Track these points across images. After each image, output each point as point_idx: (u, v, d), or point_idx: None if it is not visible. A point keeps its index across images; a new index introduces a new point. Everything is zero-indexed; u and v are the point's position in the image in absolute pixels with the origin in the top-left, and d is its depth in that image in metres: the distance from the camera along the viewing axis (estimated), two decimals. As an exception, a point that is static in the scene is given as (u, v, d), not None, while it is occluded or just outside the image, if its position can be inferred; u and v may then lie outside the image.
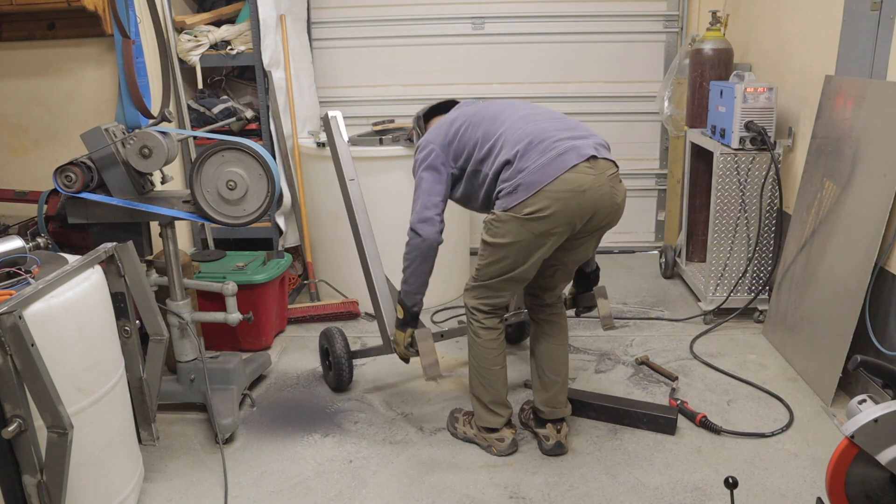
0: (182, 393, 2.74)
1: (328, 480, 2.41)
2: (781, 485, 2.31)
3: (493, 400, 2.46)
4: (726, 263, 3.52)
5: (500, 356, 2.46)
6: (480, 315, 2.43)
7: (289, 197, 3.96)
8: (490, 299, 2.41)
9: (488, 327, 2.43)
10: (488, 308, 2.42)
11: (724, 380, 3.00)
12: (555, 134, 2.21)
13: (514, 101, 2.45)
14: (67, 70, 3.29)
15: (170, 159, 2.46)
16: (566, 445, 2.51)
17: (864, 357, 1.87)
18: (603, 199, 2.20)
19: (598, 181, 2.18)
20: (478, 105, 2.49)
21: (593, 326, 3.56)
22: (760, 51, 3.82)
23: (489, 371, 2.45)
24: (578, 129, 2.28)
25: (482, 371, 2.45)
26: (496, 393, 2.46)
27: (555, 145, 2.17)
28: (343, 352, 2.89)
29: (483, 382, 2.46)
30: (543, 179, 2.13)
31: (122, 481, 2.14)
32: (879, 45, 2.70)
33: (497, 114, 2.37)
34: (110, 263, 2.16)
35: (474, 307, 2.44)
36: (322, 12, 4.48)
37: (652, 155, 4.67)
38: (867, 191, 2.71)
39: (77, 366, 1.91)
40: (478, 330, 2.44)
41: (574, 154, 2.15)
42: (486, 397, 2.46)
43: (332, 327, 2.96)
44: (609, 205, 2.24)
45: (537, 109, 2.39)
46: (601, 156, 2.20)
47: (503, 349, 2.47)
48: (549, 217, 2.16)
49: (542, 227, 2.18)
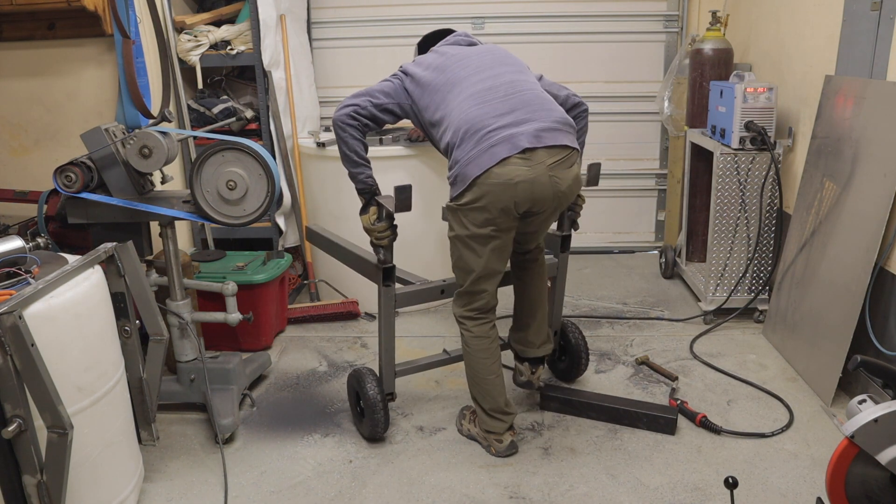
0: (182, 393, 2.74)
1: (328, 480, 2.41)
2: (781, 485, 2.31)
3: (492, 408, 2.46)
4: (726, 263, 3.52)
5: (494, 364, 2.45)
6: (469, 323, 2.44)
7: (289, 197, 3.96)
8: (472, 303, 2.42)
9: (477, 335, 2.43)
10: (473, 313, 2.43)
11: (724, 380, 3.00)
12: (493, 122, 2.17)
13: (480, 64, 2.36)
14: (67, 70, 3.29)
15: (170, 159, 2.46)
16: (536, 384, 2.67)
17: (864, 357, 1.87)
18: (540, 189, 2.18)
19: (532, 173, 2.15)
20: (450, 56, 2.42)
21: (593, 326, 3.56)
22: (760, 51, 3.82)
23: (484, 381, 2.44)
24: (526, 111, 2.21)
25: (478, 380, 2.46)
26: (494, 401, 2.45)
27: (488, 136, 2.16)
28: (377, 394, 2.52)
29: (480, 391, 2.47)
30: (473, 172, 2.15)
31: (122, 481, 2.14)
32: (879, 45, 2.70)
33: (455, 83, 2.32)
34: (110, 263, 2.16)
35: (461, 316, 2.45)
36: (322, 12, 4.48)
37: (652, 155, 4.67)
38: (867, 191, 2.71)
39: (77, 366, 1.91)
40: (468, 339, 2.45)
41: (506, 146, 2.14)
42: (486, 405, 2.47)
43: (361, 367, 2.63)
44: (550, 194, 2.21)
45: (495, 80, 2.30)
46: (541, 144, 2.15)
47: (497, 357, 2.46)
48: (482, 208, 2.19)
49: (479, 217, 2.22)
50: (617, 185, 4.71)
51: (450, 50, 2.47)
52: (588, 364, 2.97)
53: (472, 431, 2.59)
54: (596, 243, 4.80)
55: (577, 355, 2.91)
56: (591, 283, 4.19)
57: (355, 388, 2.62)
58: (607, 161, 4.68)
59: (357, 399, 2.63)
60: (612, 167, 4.67)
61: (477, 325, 2.44)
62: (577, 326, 2.95)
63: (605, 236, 4.82)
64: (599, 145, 4.63)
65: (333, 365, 3.25)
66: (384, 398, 2.54)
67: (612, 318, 3.66)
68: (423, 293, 2.70)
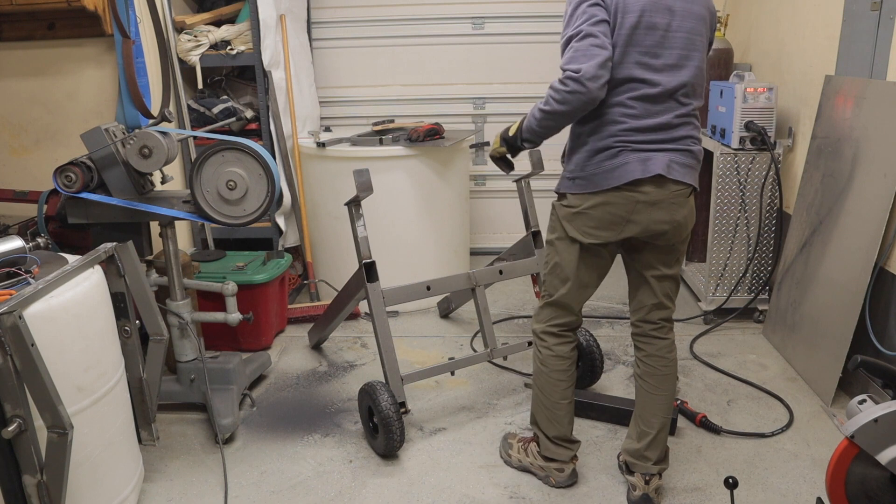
0: (182, 393, 2.74)
1: (328, 480, 2.41)
2: (781, 485, 2.31)
3: (558, 436, 2.27)
4: (726, 263, 3.52)
5: (569, 389, 2.25)
6: (551, 340, 2.23)
7: (289, 197, 3.96)
8: (559, 318, 2.22)
9: (558, 355, 2.22)
10: (558, 329, 2.23)
11: (724, 380, 3.00)
12: (641, 136, 1.99)
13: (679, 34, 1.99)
14: (67, 70, 3.29)
15: (170, 159, 2.46)
16: (654, 500, 2.21)
17: (864, 357, 1.87)
18: (657, 213, 2.03)
19: (658, 195, 2.01)
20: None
21: (593, 326, 3.56)
22: (760, 51, 3.82)
23: (556, 405, 2.24)
24: (674, 131, 2.03)
25: (548, 405, 2.25)
26: (562, 429, 2.26)
27: (631, 153, 1.99)
28: (391, 409, 2.42)
29: (549, 416, 2.26)
30: (599, 184, 2.01)
31: (122, 481, 2.14)
32: (879, 45, 2.70)
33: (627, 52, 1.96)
34: (110, 263, 2.16)
35: (543, 332, 2.25)
36: (322, 12, 4.48)
37: (652, 155, 4.66)
38: (867, 191, 2.71)
39: (77, 366, 1.90)
40: (546, 358, 2.24)
41: (640, 168, 1.98)
42: (552, 432, 2.28)
43: (373, 381, 2.53)
44: (667, 220, 2.05)
45: (675, 74, 2.00)
46: (670, 177, 2.00)
47: (572, 381, 2.26)
48: (590, 216, 2.05)
49: (583, 224, 2.07)
50: (617, 185, 4.70)
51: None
52: (603, 368, 2.93)
53: (525, 461, 2.39)
54: (596, 243, 4.80)
55: (591, 360, 2.86)
56: (591, 283, 4.19)
57: (367, 403, 2.53)
58: (607, 161, 4.69)
59: (370, 415, 2.54)
60: (612, 167, 4.67)
61: (559, 343, 2.23)
62: (588, 330, 2.91)
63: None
64: (599, 145, 4.64)
65: (333, 365, 3.25)
66: (399, 412, 2.44)
67: (612, 318, 3.66)
68: (409, 290, 2.69)
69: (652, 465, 2.20)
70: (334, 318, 3.10)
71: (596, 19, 1.92)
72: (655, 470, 2.21)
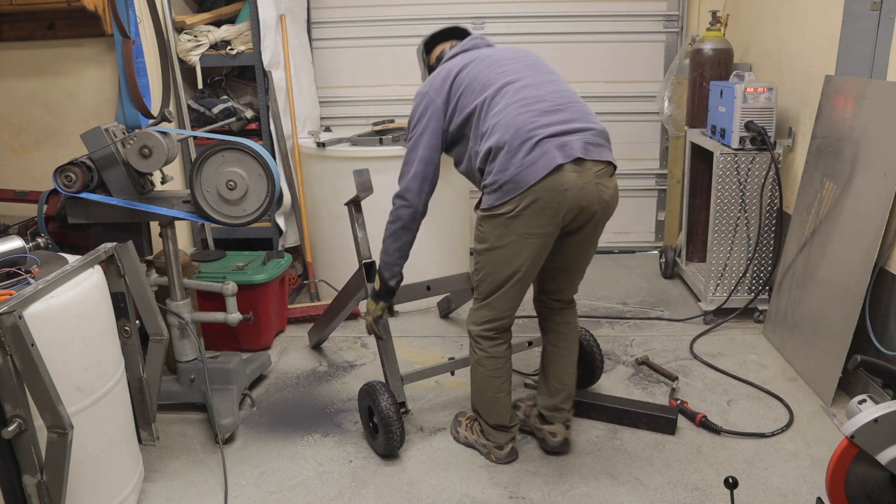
0: (182, 393, 2.74)
1: (328, 480, 2.41)
2: (781, 485, 2.31)
3: (496, 424, 2.42)
4: (726, 263, 3.52)
5: (505, 384, 2.37)
6: (486, 343, 2.34)
7: (289, 197, 3.96)
8: (493, 322, 2.31)
9: (493, 356, 2.34)
10: (492, 333, 2.33)
11: (724, 380, 3.00)
12: (542, 131, 2.11)
13: (518, 65, 2.28)
14: (67, 70, 3.29)
15: (170, 159, 2.46)
16: (570, 443, 2.53)
17: (864, 357, 1.87)
18: (587, 196, 2.14)
19: (581, 179, 2.12)
20: (480, 60, 2.31)
21: (593, 326, 3.56)
22: (760, 51, 3.82)
23: (493, 399, 2.38)
24: (574, 119, 2.17)
25: (486, 399, 2.39)
26: (499, 418, 2.40)
27: (541, 144, 2.09)
28: (391, 409, 2.43)
29: (487, 408, 2.41)
30: (526, 180, 2.08)
31: (122, 481, 2.14)
32: (879, 45, 2.70)
33: (496, 82, 2.23)
34: (110, 263, 2.16)
35: (478, 334, 2.35)
36: (322, 12, 4.49)
37: (652, 155, 4.67)
38: (867, 191, 2.71)
39: (77, 366, 1.91)
40: (481, 359, 2.36)
41: (560, 154, 2.09)
42: (490, 420, 2.42)
43: (373, 382, 2.53)
44: (595, 201, 2.17)
45: (540, 86, 2.22)
46: (589, 157, 2.13)
47: (508, 376, 2.38)
48: (531, 214, 2.11)
49: (523, 226, 2.13)
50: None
51: (471, 58, 2.35)
52: (603, 369, 2.93)
53: (470, 439, 2.55)
54: (596, 243, 4.80)
55: (591, 360, 2.86)
56: (591, 283, 4.19)
57: (367, 403, 2.52)
58: (607, 161, 4.69)
59: (370, 415, 2.53)
60: (612, 167, 4.68)
61: (493, 345, 2.34)
62: (588, 331, 2.90)
63: (605, 236, 4.70)
64: (599, 145, 4.64)
65: (333, 365, 3.25)
66: (398, 412, 2.45)
67: (612, 318, 3.66)
68: (409, 290, 2.74)
69: (567, 412, 2.50)
70: (334, 318, 3.10)
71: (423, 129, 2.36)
72: (571, 416, 2.53)
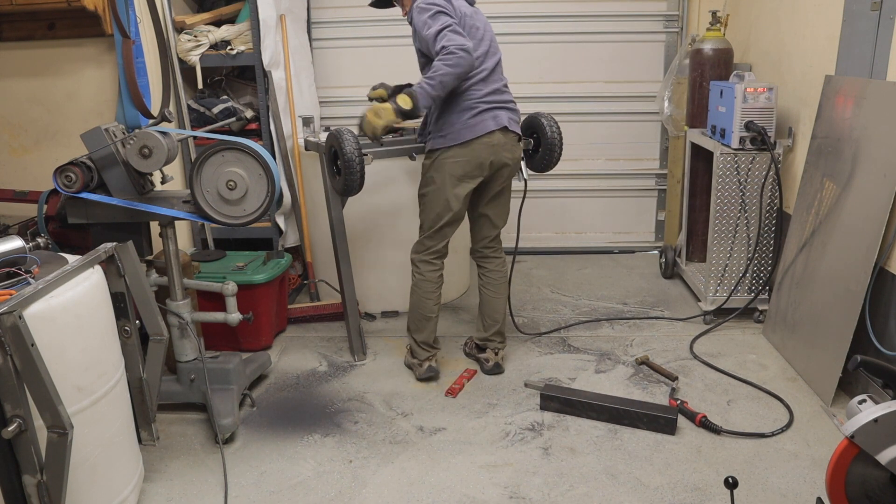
0: (182, 393, 2.74)
1: (328, 480, 2.41)
2: (781, 485, 2.31)
3: (424, 340, 3.02)
4: (726, 263, 3.52)
5: (436, 305, 3.01)
6: (424, 267, 2.96)
7: (289, 197, 3.96)
8: (433, 249, 2.94)
9: (428, 279, 2.96)
10: (431, 257, 2.95)
11: (724, 380, 3.00)
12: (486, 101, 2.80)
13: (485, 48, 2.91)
14: (67, 70, 3.29)
15: (170, 159, 2.46)
16: (503, 366, 3.11)
17: (864, 357, 1.87)
18: (504, 155, 2.86)
19: (503, 140, 2.83)
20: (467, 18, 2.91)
21: (593, 326, 3.56)
22: (760, 51, 3.82)
23: (424, 318, 3.00)
24: (504, 98, 2.88)
25: (420, 317, 3.00)
26: (427, 335, 3.02)
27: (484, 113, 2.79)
28: (354, 153, 2.75)
29: (419, 325, 3.01)
30: (468, 136, 2.77)
31: (122, 481, 2.14)
32: (879, 45, 2.70)
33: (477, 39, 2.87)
34: (110, 263, 2.16)
35: (420, 261, 2.96)
36: (322, 12, 4.48)
37: (652, 155, 4.67)
38: (867, 191, 2.71)
39: (77, 366, 1.91)
40: (419, 282, 2.97)
41: (494, 122, 2.80)
42: (419, 337, 3.02)
43: (341, 128, 2.85)
44: (509, 159, 2.88)
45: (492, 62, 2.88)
46: (511, 128, 2.86)
47: (438, 299, 3.00)
48: (466, 161, 2.79)
49: (459, 169, 2.80)
50: (617, 185, 4.71)
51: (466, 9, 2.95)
52: (561, 155, 3.07)
53: (407, 360, 3.16)
54: (596, 243, 4.80)
55: (550, 146, 3.03)
56: (591, 283, 4.19)
57: (333, 147, 2.85)
58: (607, 161, 4.69)
59: (335, 158, 2.86)
60: (612, 167, 4.68)
61: (431, 269, 2.96)
62: (553, 118, 3.07)
63: (605, 236, 4.82)
64: (599, 145, 4.64)
65: (333, 365, 3.25)
66: (361, 157, 2.78)
67: (612, 318, 3.66)
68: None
69: (499, 343, 3.12)
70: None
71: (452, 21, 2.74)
72: (502, 345, 3.14)
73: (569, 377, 3.06)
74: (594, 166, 4.68)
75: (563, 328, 3.55)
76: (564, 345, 3.38)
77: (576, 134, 4.44)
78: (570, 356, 3.26)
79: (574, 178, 4.67)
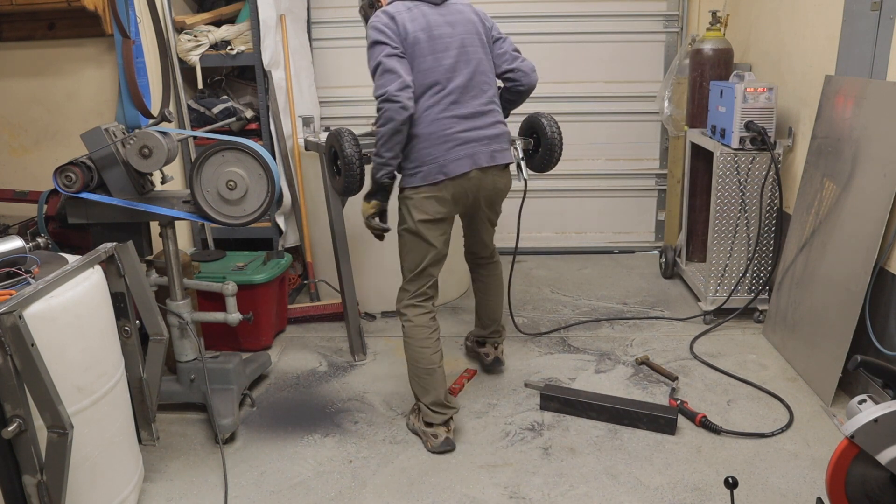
0: (182, 393, 2.74)
1: (328, 480, 2.41)
2: (781, 485, 2.31)
3: (434, 401, 2.55)
4: (726, 263, 3.52)
5: (435, 355, 2.56)
6: (411, 312, 2.58)
7: (289, 197, 3.96)
8: (417, 292, 2.58)
9: (418, 324, 2.56)
10: (416, 300, 2.58)
11: (724, 380, 3.00)
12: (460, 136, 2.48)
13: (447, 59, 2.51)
14: (67, 70, 3.29)
15: (170, 159, 2.47)
16: (503, 360, 3.10)
17: (864, 357, 1.87)
18: (484, 188, 2.58)
19: (480, 176, 2.54)
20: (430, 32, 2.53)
21: (593, 327, 3.56)
22: (760, 51, 3.82)
23: (427, 373, 2.55)
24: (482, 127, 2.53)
25: (419, 373, 2.56)
26: (436, 395, 2.55)
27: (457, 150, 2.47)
28: (354, 153, 2.52)
29: (423, 385, 2.56)
30: (439, 177, 2.46)
31: (122, 481, 2.14)
32: (879, 45, 2.70)
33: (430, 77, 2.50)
34: (110, 263, 2.16)
35: (405, 307, 2.59)
36: (322, 12, 4.48)
37: (652, 155, 4.67)
38: (867, 191, 2.71)
39: (77, 366, 1.91)
40: (409, 330, 2.57)
41: (471, 161, 2.49)
42: (428, 399, 2.55)
43: (341, 128, 2.62)
44: (490, 188, 2.60)
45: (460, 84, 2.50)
46: (491, 164, 2.54)
47: (437, 349, 2.58)
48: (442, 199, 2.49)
49: (435, 207, 2.50)
50: (617, 185, 4.71)
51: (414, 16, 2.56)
52: (561, 155, 2.88)
53: (416, 426, 2.64)
54: (596, 243, 4.80)
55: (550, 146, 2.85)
56: (592, 283, 4.19)
57: (333, 147, 2.62)
58: (607, 161, 4.69)
59: (334, 159, 2.64)
60: (612, 167, 4.68)
61: (418, 313, 2.57)
62: (553, 118, 2.89)
63: (605, 236, 4.82)
64: (599, 145, 4.64)
65: (333, 365, 3.25)
66: (361, 158, 2.56)
67: (612, 319, 3.66)
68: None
69: (495, 338, 3.09)
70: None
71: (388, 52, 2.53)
72: (501, 340, 3.13)
73: (569, 377, 3.06)
74: (594, 166, 4.68)
75: (563, 328, 3.55)
76: (564, 345, 3.38)
77: (576, 134, 4.44)
78: (570, 356, 3.26)
79: (574, 178, 4.67)
